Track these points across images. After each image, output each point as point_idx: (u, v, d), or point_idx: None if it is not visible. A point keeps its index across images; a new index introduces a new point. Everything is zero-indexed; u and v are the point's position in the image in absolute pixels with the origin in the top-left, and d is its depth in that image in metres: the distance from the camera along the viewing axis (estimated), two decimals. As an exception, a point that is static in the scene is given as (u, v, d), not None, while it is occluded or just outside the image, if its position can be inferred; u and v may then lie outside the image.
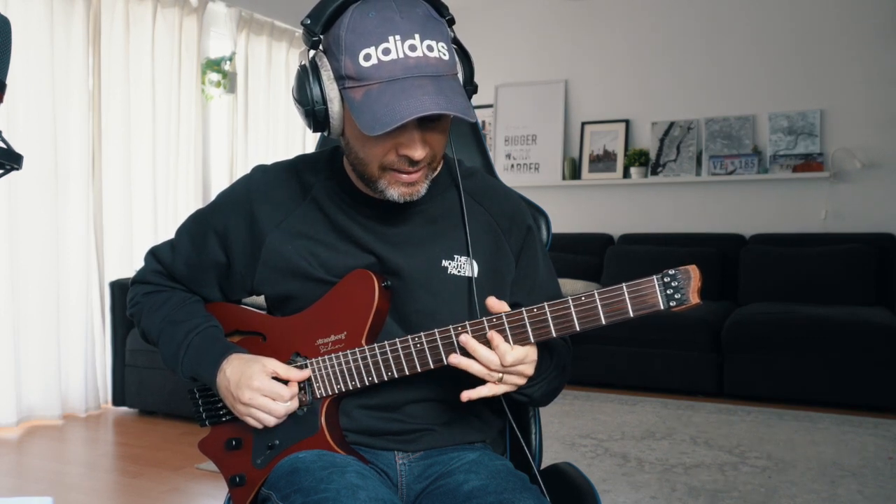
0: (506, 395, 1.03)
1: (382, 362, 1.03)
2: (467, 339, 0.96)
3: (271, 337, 1.14)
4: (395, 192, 1.03)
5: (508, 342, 0.96)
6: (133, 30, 3.97)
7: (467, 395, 0.98)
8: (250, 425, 1.09)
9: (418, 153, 0.98)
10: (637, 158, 5.09)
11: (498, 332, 0.96)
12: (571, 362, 1.18)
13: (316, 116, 1.01)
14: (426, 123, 0.98)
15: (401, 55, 0.93)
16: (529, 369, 0.99)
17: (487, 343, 0.96)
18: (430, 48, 0.94)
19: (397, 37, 0.93)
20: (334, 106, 1.00)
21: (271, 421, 1.07)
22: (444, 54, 0.96)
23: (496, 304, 0.97)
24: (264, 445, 1.11)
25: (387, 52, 0.93)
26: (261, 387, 1.06)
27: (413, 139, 0.98)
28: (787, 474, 2.78)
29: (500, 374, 0.97)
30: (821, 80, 4.70)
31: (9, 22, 1.04)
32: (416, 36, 0.94)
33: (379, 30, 0.93)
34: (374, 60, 0.93)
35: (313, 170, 1.16)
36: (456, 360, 0.97)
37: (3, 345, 3.41)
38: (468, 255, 1.12)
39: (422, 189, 1.05)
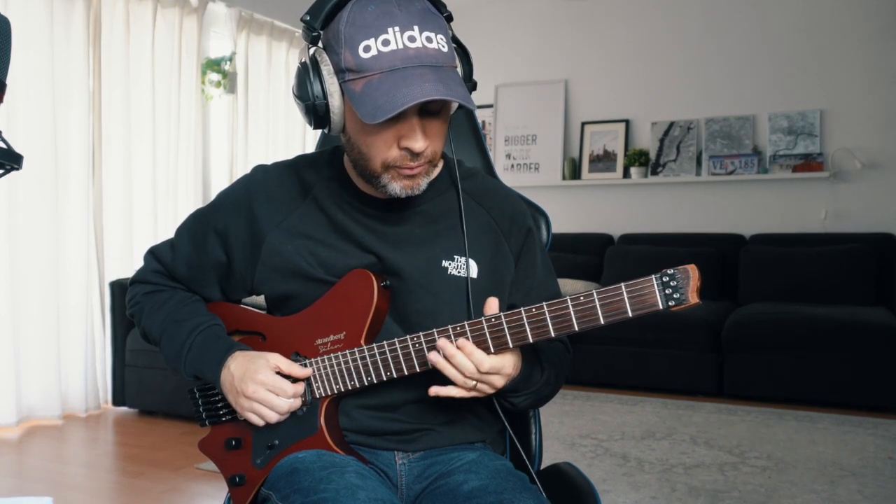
0: (495, 399, 1.05)
1: (381, 362, 1.03)
2: (444, 345, 0.97)
3: (271, 337, 1.14)
4: (396, 186, 1.03)
5: (508, 344, 0.96)
6: (133, 30, 3.97)
7: (436, 390, 0.99)
8: (251, 422, 1.09)
9: (419, 144, 0.98)
10: (637, 158, 5.09)
11: (496, 332, 0.96)
12: (570, 364, 1.19)
13: (317, 111, 1.01)
14: (427, 115, 0.99)
15: (400, 46, 0.93)
16: (500, 381, 1.00)
17: (484, 346, 0.97)
18: (429, 39, 0.95)
19: (396, 28, 0.94)
20: (335, 100, 1.00)
21: (273, 417, 1.07)
22: (444, 46, 0.97)
23: (494, 307, 0.98)
24: (264, 445, 1.11)
25: (386, 43, 0.93)
26: (265, 381, 1.06)
27: (413, 129, 0.98)
28: (787, 474, 2.78)
29: (474, 383, 0.98)
30: (821, 80, 4.70)
31: (9, 22, 1.04)
32: (415, 27, 0.94)
33: (378, 22, 0.94)
34: (373, 52, 0.94)
35: (314, 169, 1.16)
36: (434, 358, 0.98)
37: (3, 345, 3.41)
38: (468, 256, 1.12)
39: (423, 183, 1.05)
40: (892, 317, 3.91)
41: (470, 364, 0.96)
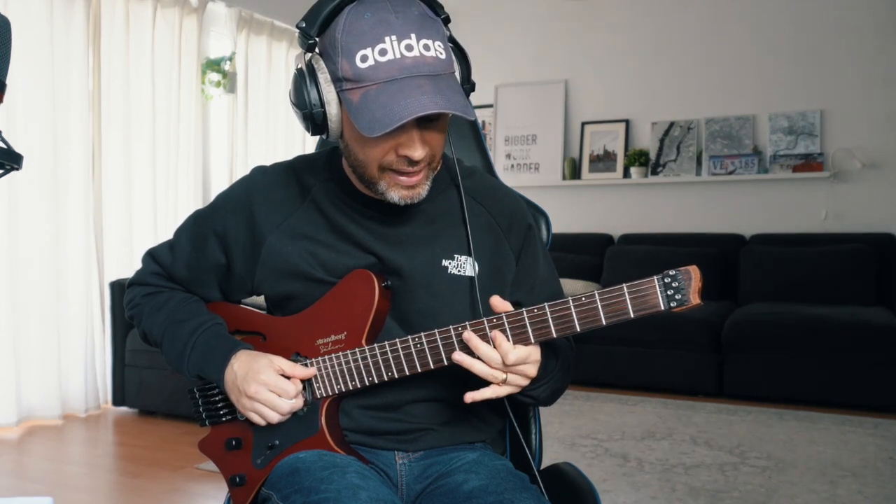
0: (510, 396, 1.03)
1: (382, 362, 1.03)
2: (470, 336, 0.96)
3: (271, 337, 1.14)
4: (395, 195, 1.03)
5: (510, 342, 0.95)
6: (133, 30, 3.97)
7: (471, 396, 0.98)
8: (253, 421, 1.09)
9: (418, 153, 0.98)
10: (637, 158, 5.09)
11: (500, 331, 0.95)
12: (574, 362, 1.18)
13: (314, 119, 1.01)
14: (425, 123, 0.98)
15: (397, 55, 0.93)
16: (532, 370, 0.98)
17: (490, 342, 0.96)
18: (426, 47, 0.94)
19: (393, 37, 0.93)
20: (332, 108, 1.00)
21: (274, 417, 1.07)
22: (441, 53, 0.96)
23: (500, 304, 0.97)
24: (264, 445, 1.11)
25: (383, 52, 0.93)
26: (267, 381, 1.06)
27: (412, 139, 0.98)
28: (787, 474, 2.78)
29: (504, 375, 0.96)
30: (821, 80, 4.70)
31: (9, 22, 1.04)
32: (413, 35, 0.93)
33: (375, 30, 0.93)
34: (370, 62, 0.93)
35: (313, 170, 1.16)
36: (459, 357, 0.96)
37: (3, 345, 3.41)
38: (468, 255, 1.11)
39: (423, 191, 1.04)
40: (892, 317, 3.91)
41: (497, 355, 0.95)
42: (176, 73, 4.18)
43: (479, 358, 0.96)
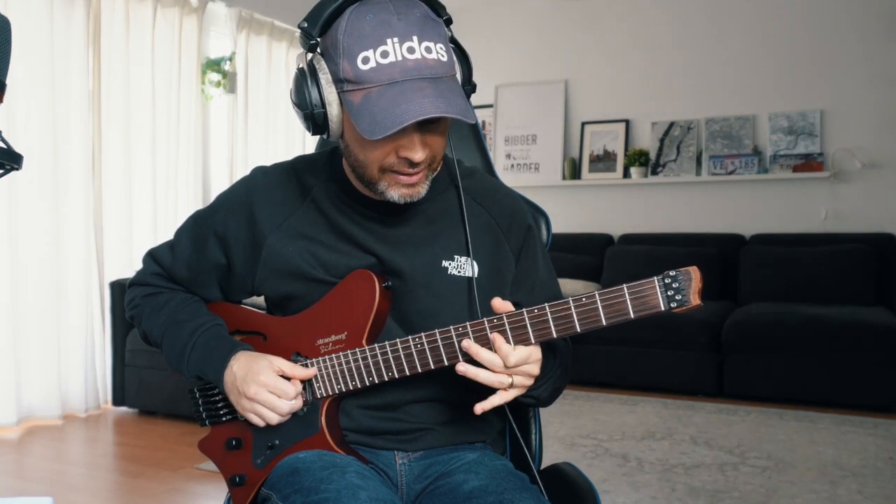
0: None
1: (383, 362, 1.03)
2: (469, 344, 0.96)
3: (272, 337, 1.14)
4: (395, 194, 1.03)
5: (510, 343, 0.95)
6: (133, 30, 3.97)
7: (480, 407, 0.98)
8: (252, 422, 1.09)
9: (418, 155, 0.98)
10: (637, 158, 5.09)
11: (499, 332, 0.96)
12: (572, 362, 1.18)
13: (315, 120, 1.01)
14: (426, 125, 0.98)
15: (399, 57, 0.93)
16: (535, 368, 0.99)
17: (489, 345, 0.96)
18: (428, 50, 0.94)
19: (395, 39, 0.93)
20: (333, 109, 1.00)
21: (274, 418, 1.07)
22: (443, 55, 0.96)
23: (501, 305, 0.97)
24: (264, 445, 1.11)
25: (385, 54, 0.93)
26: (267, 382, 1.06)
27: (413, 141, 0.98)
28: (787, 474, 2.78)
29: (510, 380, 0.96)
30: (821, 80, 4.70)
31: (9, 22, 1.04)
32: (414, 38, 0.93)
33: (377, 32, 0.93)
34: (372, 63, 0.93)
35: (313, 171, 1.16)
36: (463, 368, 0.96)
37: (3, 345, 3.41)
38: (468, 256, 1.12)
39: (422, 190, 1.04)
40: (892, 317, 3.91)
41: (498, 359, 0.95)
42: (176, 73, 4.18)
43: (481, 365, 0.96)
